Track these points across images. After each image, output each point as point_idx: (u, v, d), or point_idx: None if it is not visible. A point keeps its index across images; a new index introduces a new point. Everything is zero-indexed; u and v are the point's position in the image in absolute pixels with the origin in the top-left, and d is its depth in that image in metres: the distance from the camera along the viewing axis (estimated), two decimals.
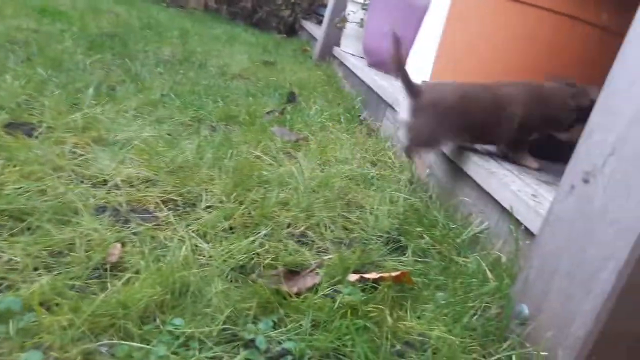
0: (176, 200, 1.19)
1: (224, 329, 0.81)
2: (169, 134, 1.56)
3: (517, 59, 1.63)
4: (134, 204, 1.16)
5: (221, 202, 1.20)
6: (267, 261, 1.01)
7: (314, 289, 0.95)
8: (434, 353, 0.88)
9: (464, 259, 1.21)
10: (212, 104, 2.03)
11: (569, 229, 0.93)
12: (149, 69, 2.35)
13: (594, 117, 0.94)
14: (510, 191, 1.30)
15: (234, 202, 1.20)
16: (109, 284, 0.86)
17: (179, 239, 1.02)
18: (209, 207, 1.19)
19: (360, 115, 2.61)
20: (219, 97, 2.14)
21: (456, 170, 1.61)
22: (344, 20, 3.75)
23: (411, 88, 1.54)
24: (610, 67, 0.94)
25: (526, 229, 1.20)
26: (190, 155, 1.39)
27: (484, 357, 0.90)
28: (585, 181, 0.92)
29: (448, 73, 1.76)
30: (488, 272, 1.13)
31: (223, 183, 1.27)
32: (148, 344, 0.75)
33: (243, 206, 1.18)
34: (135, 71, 2.25)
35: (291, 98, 2.52)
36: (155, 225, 1.08)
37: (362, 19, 3.58)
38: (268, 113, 2.15)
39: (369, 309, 0.92)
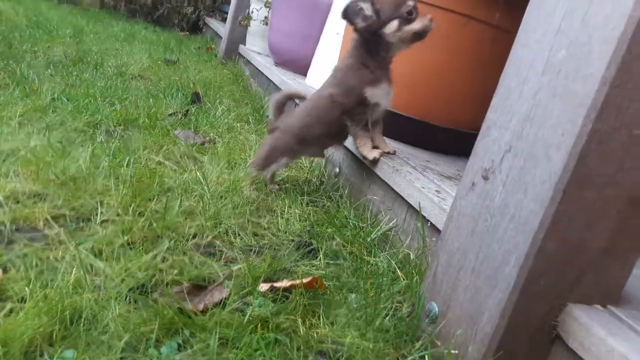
0: (68, 216, 1.09)
1: (122, 358, 0.74)
2: (60, 142, 1.43)
3: (414, 54, 1.66)
4: (20, 222, 1.05)
5: (118, 214, 1.11)
6: (170, 277, 0.95)
7: (221, 303, 0.91)
8: None
9: (374, 259, 1.21)
10: (109, 107, 1.91)
11: (472, 225, 0.95)
12: (37, 70, 2.16)
13: (490, 114, 0.97)
14: (415, 188, 1.33)
15: (133, 214, 1.12)
16: None
17: (70, 259, 0.93)
18: (105, 221, 1.10)
19: (268, 115, 2.57)
20: (116, 100, 2.01)
21: (364, 169, 1.62)
22: (249, 18, 3.68)
23: None
24: (501, 60, 0.98)
25: (432, 225, 1.22)
26: (83, 164, 1.29)
27: (397, 359, 0.90)
28: (485, 178, 0.94)
29: None
30: (398, 271, 1.14)
31: (120, 194, 1.18)
32: None
33: (143, 218, 1.11)
34: (22, 73, 2.06)
35: (195, 98, 2.43)
36: (44, 245, 0.98)
37: (266, 17, 3.54)
38: (170, 115, 2.05)
39: (281, 320, 0.88)
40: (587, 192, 0.81)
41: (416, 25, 1.40)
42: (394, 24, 1.39)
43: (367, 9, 1.39)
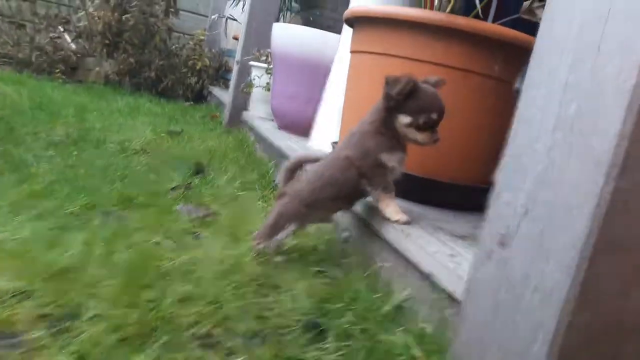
0: (54, 315, 1.01)
1: None
2: (52, 229, 1.38)
3: None
4: (0, 327, 0.97)
5: (110, 308, 1.03)
6: None
7: None
8: None
9: (389, 337, 1.11)
10: (109, 186, 1.87)
11: (493, 297, 0.86)
12: (36, 153, 2.14)
13: (501, 175, 0.90)
14: (427, 253, 1.24)
15: (125, 306, 1.04)
16: None
17: None
18: (95, 316, 1.02)
19: (274, 180, 2.52)
20: (116, 178, 1.97)
21: (372, 233, 1.55)
22: (250, 85, 3.72)
23: None
24: (505, 111, 0.93)
25: (449, 295, 1.13)
26: (75, 253, 1.22)
27: None
28: (502, 245, 0.86)
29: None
30: (417, 350, 1.04)
31: (113, 284, 1.11)
32: None
33: (137, 310, 1.03)
34: (20, 157, 2.04)
35: (199, 169, 2.39)
36: (23, 352, 0.90)
37: (268, 83, 3.57)
38: (173, 189, 2.01)
39: None
40: (617, 257, 0.73)
41: (419, 136, 1.44)
42: (407, 119, 1.43)
43: (404, 87, 1.40)
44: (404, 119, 1.42)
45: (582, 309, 0.73)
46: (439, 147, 1.72)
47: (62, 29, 5.26)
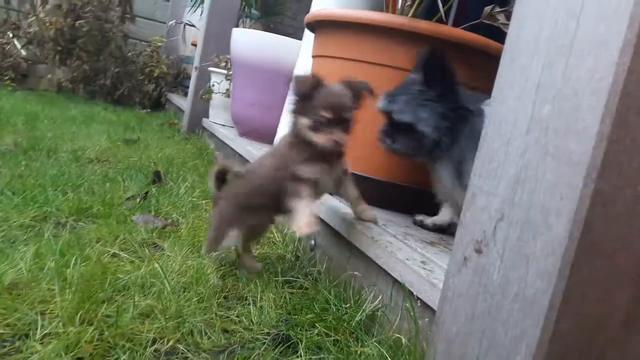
0: (1, 334, 0.93)
1: None
2: None
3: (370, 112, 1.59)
4: None
5: (63, 325, 0.96)
6: None
7: None
8: None
9: (362, 348, 1.08)
10: (61, 196, 1.76)
11: (471, 306, 0.83)
12: None
13: (475, 179, 0.88)
14: (398, 260, 1.22)
15: (80, 323, 0.97)
16: None
17: None
18: (47, 335, 0.94)
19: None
20: (69, 188, 1.87)
21: (342, 240, 1.51)
22: (210, 91, 3.64)
23: None
24: None
25: (423, 303, 1.10)
26: (25, 268, 1.14)
27: None
28: (478, 251, 0.84)
29: None
30: None
31: (66, 300, 1.03)
32: None
33: (92, 327, 0.95)
34: None
35: (156, 178, 2.30)
36: None
37: (227, 89, 3.50)
38: (129, 199, 1.92)
39: None
40: (598, 262, 0.71)
41: (316, 138, 1.30)
42: (304, 121, 1.31)
43: (303, 85, 1.30)
44: (301, 121, 1.32)
45: (565, 317, 0.71)
46: None
47: (11, 35, 5.04)
